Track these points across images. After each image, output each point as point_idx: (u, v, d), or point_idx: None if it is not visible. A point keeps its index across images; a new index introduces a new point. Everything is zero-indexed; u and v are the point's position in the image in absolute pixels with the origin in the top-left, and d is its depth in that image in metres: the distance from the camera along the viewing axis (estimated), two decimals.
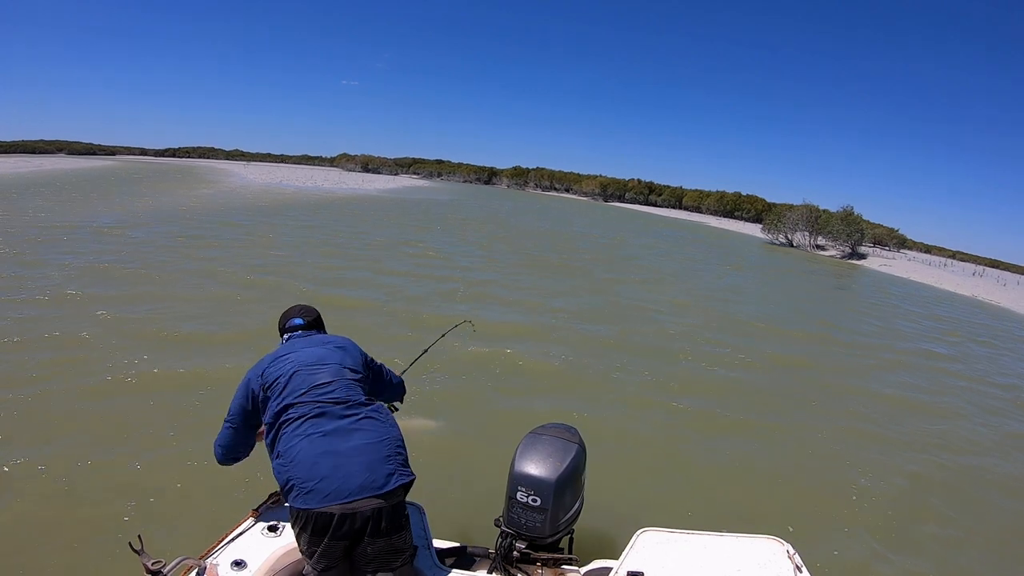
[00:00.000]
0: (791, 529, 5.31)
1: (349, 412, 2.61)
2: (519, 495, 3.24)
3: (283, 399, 2.62)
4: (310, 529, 2.40)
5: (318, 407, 2.57)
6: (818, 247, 62.37)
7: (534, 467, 3.27)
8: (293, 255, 17.68)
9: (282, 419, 2.59)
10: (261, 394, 2.70)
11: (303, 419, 2.54)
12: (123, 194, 35.80)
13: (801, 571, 2.83)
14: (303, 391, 2.62)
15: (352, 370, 2.83)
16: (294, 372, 2.69)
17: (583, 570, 3.20)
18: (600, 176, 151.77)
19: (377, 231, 26.85)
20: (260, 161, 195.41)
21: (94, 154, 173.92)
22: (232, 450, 2.87)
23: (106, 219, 22.17)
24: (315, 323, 3.15)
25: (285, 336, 3.09)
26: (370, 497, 2.40)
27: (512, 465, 3.34)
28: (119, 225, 20.59)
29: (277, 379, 2.68)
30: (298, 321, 3.10)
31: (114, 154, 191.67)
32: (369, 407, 2.71)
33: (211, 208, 30.67)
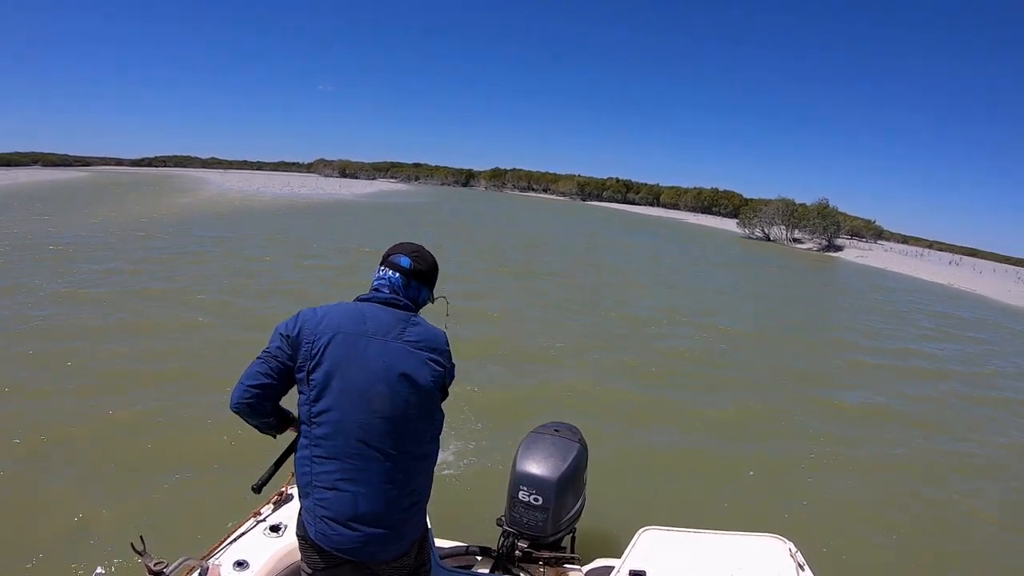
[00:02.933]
0: (793, 527, 5.28)
1: (387, 458, 2.13)
2: (521, 494, 3.27)
3: (319, 404, 2.12)
4: (305, 542, 2.21)
5: (354, 441, 2.10)
6: (795, 240, 62.87)
7: (536, 466, 3.30)
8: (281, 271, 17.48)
9: (309, 423, 2.14)
10: (302, 366, 2.15)
11: (330, 444, 2.11)
12: (101, 206, 35.18)
13: (803, 569, 2.85)
14: (344, 409, 2.10)
15: (419, 396, 2.19)
16: (344, 374, 2.11)
17: (585, 569, 3.23)
18: (577, 176, 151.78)
19: (351, 238, 26.69)
20: (237, 169, 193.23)
21: (69, 165, 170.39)
22: (251, 388, 2.16)
23: (71, 235, 21.83)
24: (421, 277, 2.39)
25: (380, 272, 2.37)
26: (367, 558, 2.17)
27: (514, 464, 3.37)
28: (105, 239, 20.30)
29: (320, 366, 2.11)
30: (404, 261, 2.36)
31: (89, 165, 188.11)
32: (415, 453, 2.22)
33: (189, 218, 30.26)
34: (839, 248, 60.74)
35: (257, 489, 2.53)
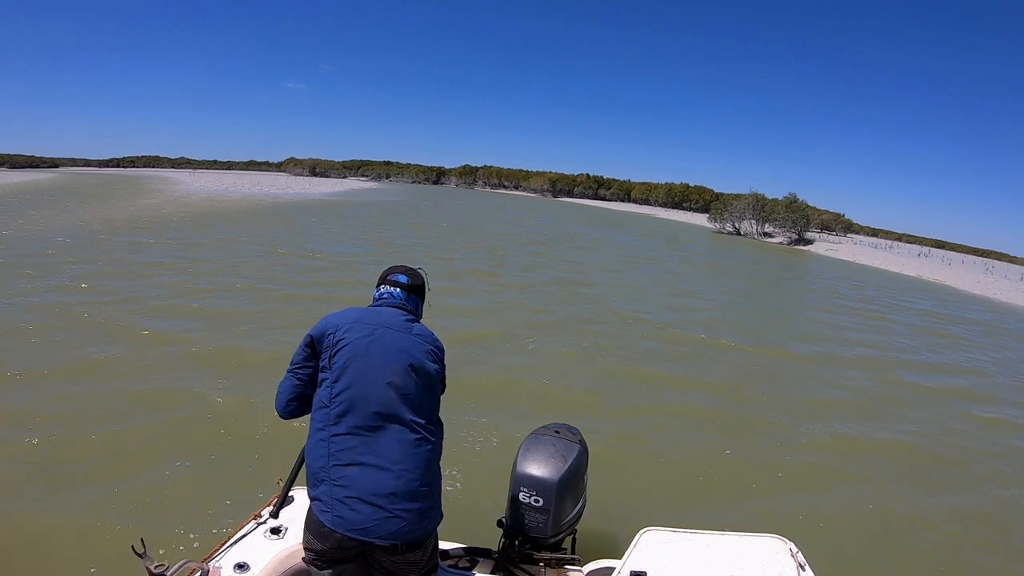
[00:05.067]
0: (794, 528, 5.25)
1: (403, 430, 2.37)
2: (522, 495, 3.25)
3: (339, 383, 2.38)
4: (319, 537, 2.30)
5: (372, 412, 2.34)
6: (765, 234, 63.58)
7: (536, 467, 3.28)
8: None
9: (329, 404, 2.38)
10: (324, 355, 2.46)
11: (350, 420, 2.34)
12: (60, 210, 34.37)
13: (804, 570, 2.85)
14: (363, 385, 2.37)
15: (426, 380, 2.51)
16: (364, 354, 2.42)
17: (586, 570, 3.21)
18: (548, 172, 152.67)
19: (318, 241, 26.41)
20: (207, 168, 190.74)
21: (36, 167, 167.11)
22: (290, 403, 2.55)
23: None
24: (417, 291, 2.81)
25: (381, 289, 2.76)
26: (387, 538, 2.27)
27: (514, 465, 3.35)
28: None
29: (341, 349, 2.43)
30: (402, 279, 2.77)
31: (57, 166, 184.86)
32: (426, 429, 2.44)
33: (156, 220, 29.66)
34: (809, 242, 61.62)
35: (275, 514, 2.76)
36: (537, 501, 3.21)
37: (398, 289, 2.75)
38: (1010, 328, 22.90)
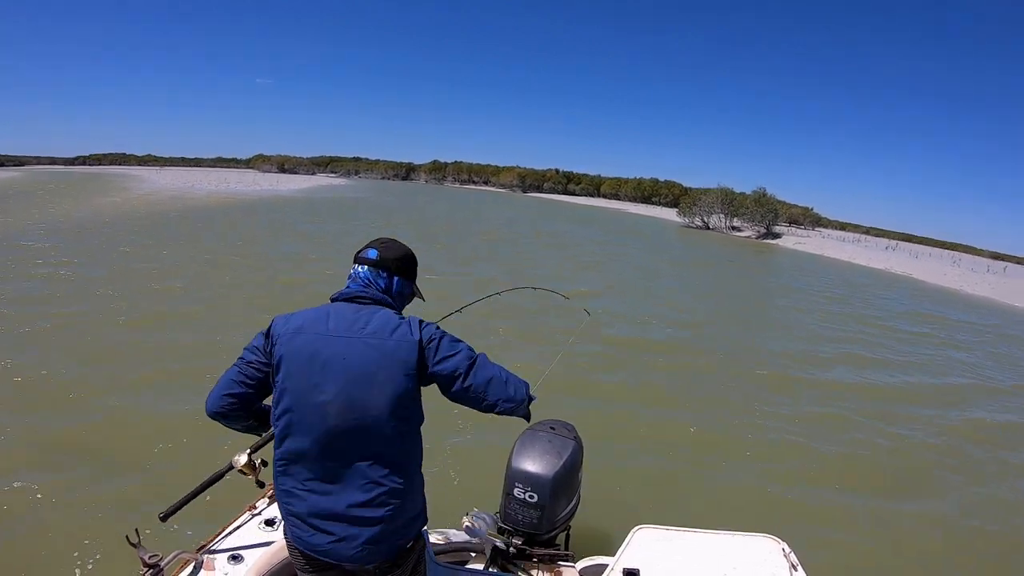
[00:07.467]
0: (788, 527, 5.22)
1: (352, 452, 2.02)
2: (516, 491, 3.24)
3: (280, 404, 2.04)
4: (291, 551, 2.17)
5: (312, 438, 2.00)
6: (733, 228, 64.27)
7: (531, 463, 3.26)
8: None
9: (275, 423, 2.07)
10: (273, 365, 2.06)
11: (292, 445, 2.04)
12: (40, 207, 33.71)
13: (797, 569, 2.88)
14: (300, 409, 2.01)
15: (380, 386, 2.01)
16: (301, 371, 2.00)
17: (579, 566, 3.20)
18: (518, 167, 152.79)
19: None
20: (174, 166, 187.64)
21: (2, 165, 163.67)
22: (224, 397, 2.12)
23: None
24: (393, 264, 2.24)
25: (351, 271, 2.23)
26: (350, 561, 2.07)
27: (509, 461, 3.33)
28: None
29: (281, 364, 2.03)
30: (372, 254, 2.22)
31: (23, 164, 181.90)
32: (385, 447, 2.05)
33: (121, 217, 29.15)
34: (777, 236, 62.36)
35: (164, 517, 2.57)
36: (531, 497, 3.19)
37: (366, 267, 2.22)
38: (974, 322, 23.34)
